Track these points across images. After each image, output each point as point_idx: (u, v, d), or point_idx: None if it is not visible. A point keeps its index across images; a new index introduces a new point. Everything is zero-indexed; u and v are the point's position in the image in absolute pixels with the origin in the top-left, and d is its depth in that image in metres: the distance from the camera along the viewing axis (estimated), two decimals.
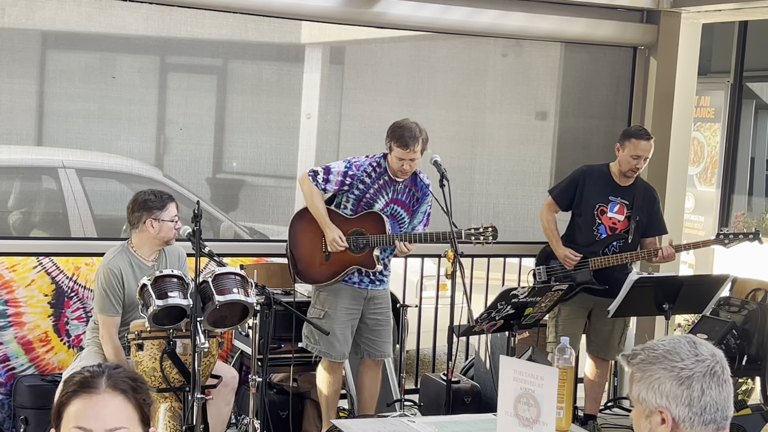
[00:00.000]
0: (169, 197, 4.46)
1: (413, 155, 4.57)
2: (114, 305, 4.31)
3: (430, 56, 5.77)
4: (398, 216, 4.72)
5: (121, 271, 4.34)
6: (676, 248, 5.08)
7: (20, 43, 4.88)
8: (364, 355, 4.80)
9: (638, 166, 5.12)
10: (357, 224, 4.66)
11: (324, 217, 4.64)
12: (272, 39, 5.38)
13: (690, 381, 2.02)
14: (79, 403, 1.85)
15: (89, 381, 1.88)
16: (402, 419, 3.79)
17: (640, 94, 6.10)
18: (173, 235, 4.45)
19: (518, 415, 3.14)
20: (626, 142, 5.11)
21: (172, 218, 4.43)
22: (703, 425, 2.02)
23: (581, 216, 5.22)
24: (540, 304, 4.45)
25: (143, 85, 5.17)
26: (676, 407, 2.03)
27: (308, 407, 5.02)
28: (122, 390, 1.88)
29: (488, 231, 4.61)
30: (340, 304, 4.67)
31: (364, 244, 4.63)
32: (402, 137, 4.54)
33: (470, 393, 5.26)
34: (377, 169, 4.67)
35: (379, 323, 4.77)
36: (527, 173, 6.03)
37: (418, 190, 4.76)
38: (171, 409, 4.09)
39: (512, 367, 3.19)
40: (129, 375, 1.92)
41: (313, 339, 4.69)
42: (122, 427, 1.86)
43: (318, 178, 4.63)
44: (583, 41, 6.01)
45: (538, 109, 6.13)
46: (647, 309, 4.97)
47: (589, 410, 5.32)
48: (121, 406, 1.87)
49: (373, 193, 4.65)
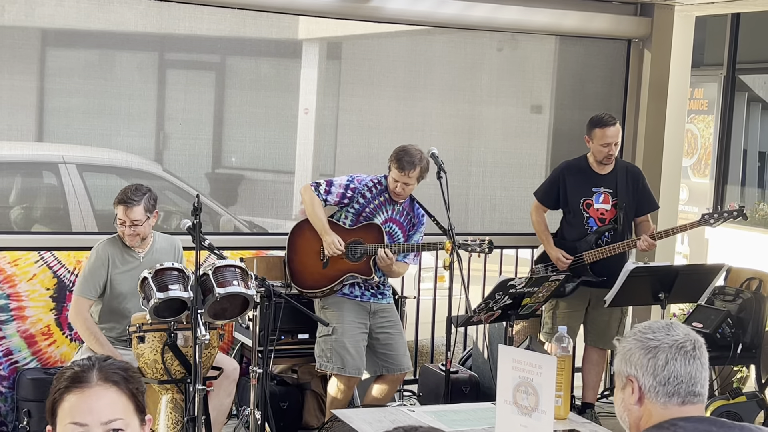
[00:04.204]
0: (122, 200, 4.28)
1: (407, 180, 4.56)
2: (91, 287, 4.32)
3: (426, 50, 5.75)
4: (394, 235, 4.71)
5: (109, 257, 4.34)
6: (665, 233, 5.04)
7: (20, 40, 4.86)
8: (384, 371, 4.70)
9: (610, 153, 5.09)
10: (356, 234, 4.65)
11: (324, 224, 4.62)
12: (270, 35, 5.37)
13: (656, 351, 2.06)
14: (72, 398, 1.83)
15: (80, 375, 1.85)
16: (401, 409, 3.79)
17: (635, 86, 6.09)
18: (125, 236, 4.32)
19: (517, 404, 3.13)
20: (593, 132, 5.09)
21: (120, 220, 4.30)
22: (666, 396, 2.05)
23: (570, 212, 5.21)
24: (537, 294, 4.44)
25: (142, 80, 5.16)
26: (642, 376, 2.07)
27: (309, 398, 5.01)
28: (114, 381, 1.86)
29: (485, 243, 4.55)
30: (347, 317, 4.63)
31: (361, 253, 4.62)
32: (401, 160, 4.54)
33: (468, 383, 5.26)
34: (378, 186, 4.67)
35: (391, 336, 4.71)
36: (523, 165, 6.02)
37: (414, 216, 4.76)
38: (173, 400, 4.08)
39: (511, 356, 3.18)
40: (119, 366, 1.90)
41: (325, 358, 4.62)
42: (118, 419, 1.84)
43: (320, 189, 4.62)
44: (577, 34, 5.99)
45: (534, 102, 6.11)
46: (643, 298, 4.96)
47: (587, 399, 5.32)
48: (115, 398, 1.85)
49: (372, 208, 4.65)
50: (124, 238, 4.36)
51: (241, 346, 5.10)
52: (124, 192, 4.33)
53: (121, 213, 4.31)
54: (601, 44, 6.09)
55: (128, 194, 4.31)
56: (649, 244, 5.00)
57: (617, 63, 6.13)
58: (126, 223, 4.31)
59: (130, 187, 4.36)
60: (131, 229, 4.32)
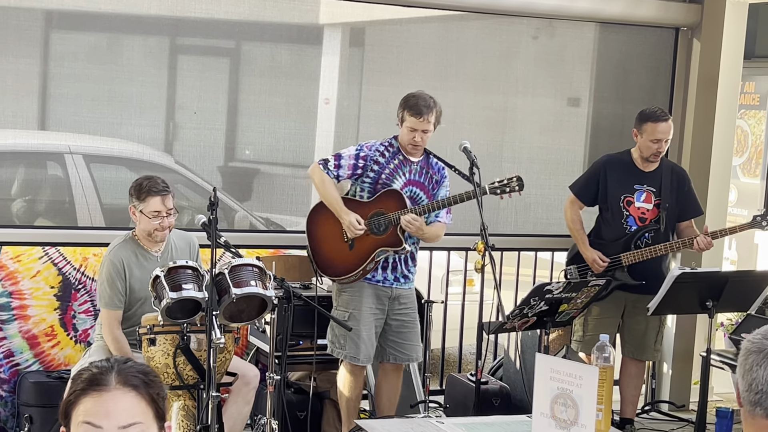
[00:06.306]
0: (158, 191, 4.33)
1: (426, 125, 4.57)
2: (115, 299, 4.33)
3: (458, 37, 5.76)
4: (418, 199, 4.70)
5: (124, 263, 4.36)
6: (712, 235, 5.04)
7: (26, 21, 4.90)
8: (389, 359, 4.76)
9: (660, 150, 5.09)
10: (375, 206, 4.64)
11: (338, 202, 4.62)
12: (290, 19, 5.38)
13: (748, 354, 1.96)
14: (88, 401, 1.84)
15: (98, 378, 1.85)
16: (430, 420, 3.81)
17: (682, 78, 6.07)
18: (155, 231, 4.36)
19: (555, 417, 3.14)
20: (643, 126, 5.08)
21: (154, 213, 4.34)
22: (750, 405, 1.94)
23: (608, 210, 5.19)
24: (575, 301, 4.45)
25: (155, 66, 5.19)
26: (739, 378, 1.98)
27: (327, 408, 5.04)
28: (134, 385, 1.86)
29: (513, 181, 4.59)
30: (365, 304, 4.65)
31: (386, 224, 4.61)
32: (416, 105, 4.55)
33: (499, 394, 5.27)
34: (389, 149, 4.67)
35: (405, 324, 4.75)
36: (560, 162, 6.01)
37: (435, 173, 4.75)
38: (184, 407, 4.11)
39: (549, 365, 3.19)
40: (140, 369, 1.90)
41: (338, 344, 4.66)
42: (137, 422, 1.84)
43: (329, 165, 4.62)
44: (620, 21, 5.98)
45: (572, 94, 6.11)
46: (689, 306, 4.94)
47: (626, 414, 5.31)
48: (134, 402, 1.85)
49: (388, 173, 4.64)
50: (156, 234, 4.37)
51: (256, 351, 5.13)
52: (151, 183, 4.36)
53: (157, 204, 4.33)
54: (646, 32, 6.07)
55: (158, 183, 4.36)
56: (707, 242, 4.98)
57: (663, 53, 6.11)
58: (162, 213, 4.34)
59: (151, 178, 4.39)
60: (168, 220, 4.36)
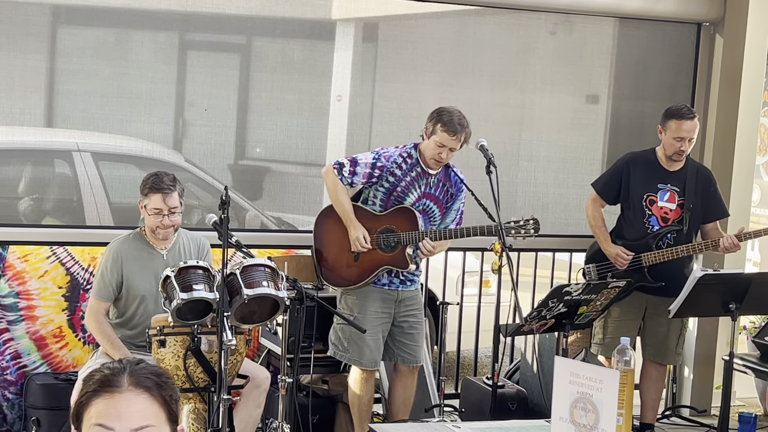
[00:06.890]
0: (159, 188, 4.33)
1: (455, 144, 4.56)
2: (104, 290, 4.38)
3: (474, 33, 5.75)
4: (430, 211, 4.70)
5: (121, 257, 4.39)
6: (755, 233, 5.00)
7: (33, 16, 4.91)
8: (399, 361, 4.77)
9: (683, 149, 5.06)
10: (387, 221, 4.64)
11: (349, 213, 4.62)
12: (302, 14, 5.38)
13: None
14: (100, 403, 1.84)
15: (110, 379, 1.85)
16: (445, 424, 3.80)
17: (704, 75, 6.04)
18: (156, 228, 4.37)
19: (574, 421, 3.12)
20: (668, 123, 5.06)
21: (155, 210, 4.35)
22: None
23: (630, 208, 5.18)
24: (595, 303, 4.43)
25: (164, 62, 5.19)
26: None
27: (340, 411, 5.03)
28: (146, 387, 1.86)
29: (529, 224, 4.57)
30: (370, 308, 4.66)
31: (395, 243, 4.62)
32: (451, 122, 4.54)
33: (516, 398, 5.25)
34: (408, 160, 4.65)
35: (413, 326, 4.76)
36: (578, 161, 6.00)
37: (452, 186, 4.74)
38: (195, 410, 4.11)
39: (568, 369, 3.18)
40: (152, 370, 1.90)
41: (341, 347, 4.67)
42: (149, 425, 1.84)
43: (344, 171, 4.60)
44: (640, 17, 5.96)
45: (590, 91, 6.09)
46: (712, 309, 4.92)
47: (646, 419, 5.29)
48: (146, 404, 1.85)
49: (404, 186, 4.64)
50: (158, 231, 4.39)
51: (267, 353, 5.13)
52: (155, 180, 4.36)
53: (158, 202, 4.34)
54: (667, 28, 6.05)
55: (162, 181, 4.35)
56: (732, 243, 4.96)
57: (685, 49, 6.08)
58: (163, 211, 4.34)
59: (158, 174, 4.39)
60: (170, 219, 4.36)
